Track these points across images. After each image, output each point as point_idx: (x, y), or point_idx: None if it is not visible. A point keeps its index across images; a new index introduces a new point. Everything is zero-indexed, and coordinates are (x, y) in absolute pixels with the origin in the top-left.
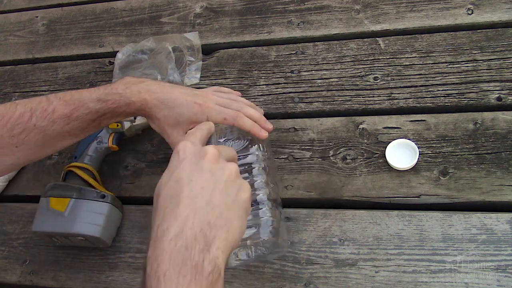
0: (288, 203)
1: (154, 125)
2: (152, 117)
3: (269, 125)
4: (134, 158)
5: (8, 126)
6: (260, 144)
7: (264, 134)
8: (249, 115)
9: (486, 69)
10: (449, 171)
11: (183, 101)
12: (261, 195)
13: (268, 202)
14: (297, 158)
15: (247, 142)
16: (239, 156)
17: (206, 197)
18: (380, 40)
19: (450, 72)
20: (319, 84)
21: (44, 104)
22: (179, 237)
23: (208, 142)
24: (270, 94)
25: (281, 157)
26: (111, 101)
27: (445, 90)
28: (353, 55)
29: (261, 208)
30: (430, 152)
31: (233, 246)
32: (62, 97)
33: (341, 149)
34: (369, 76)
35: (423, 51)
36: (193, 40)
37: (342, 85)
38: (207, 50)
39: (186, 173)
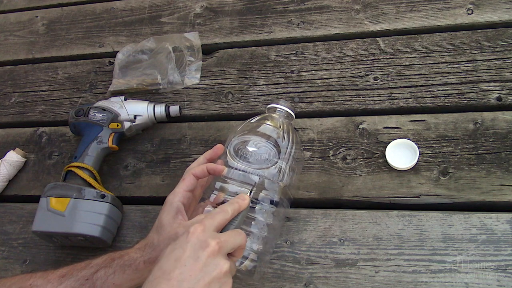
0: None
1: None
2: (156, 253)
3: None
4: (134, 158)
5: (7, 284)
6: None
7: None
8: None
9: (486, 69)
10: (449, 171)
11: (164, 224)
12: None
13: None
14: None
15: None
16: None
17: (190, 285)
18: (380, 40)
19: (450, 72)
20: (319, 84)
21: (50, 270)
22: None
23: (229, 224)
24: (270, 94)
25: None
26: (106, 256)
27: (445, 90)
28: (353, 55)
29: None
30: (430, 152)
31: None
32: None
33: (341, 149)
34: (369, 76)
35: (423, 51)
36: (193, 40)
37: (342, 85)
38: (207, 50)
39: (184, 256)
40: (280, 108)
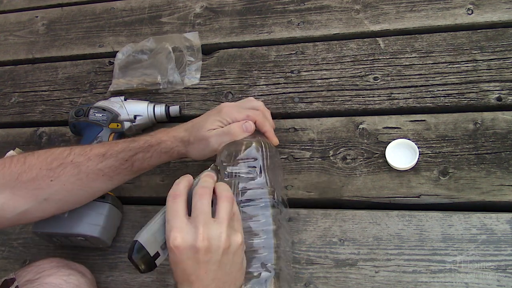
0: (288, 203)
1: (195, 154)
2: (188, 149)
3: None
4: None
5: (48, 160)
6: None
7: (275, 142)
8: (268, 118)
9: (486, 69)
10: (449, 171)
11: (208, 123)
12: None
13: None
14: (297, 158)
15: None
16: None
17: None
18: (380, 40)
19: (450, 72)
20: (319, 84)
21: (85, 146)
22: None
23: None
24: (270, 94)
25: (281, 157)
26: (143, 141)
27: (445, 90)
28: (353, 55)
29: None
30: (430, 152)
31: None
32: (101, 142)
33: (341, 149)
34: (369, 76)
35: (423, 51)
36: (193, 40)
37: (342, 85)
38: (207, 50)
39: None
40: None
